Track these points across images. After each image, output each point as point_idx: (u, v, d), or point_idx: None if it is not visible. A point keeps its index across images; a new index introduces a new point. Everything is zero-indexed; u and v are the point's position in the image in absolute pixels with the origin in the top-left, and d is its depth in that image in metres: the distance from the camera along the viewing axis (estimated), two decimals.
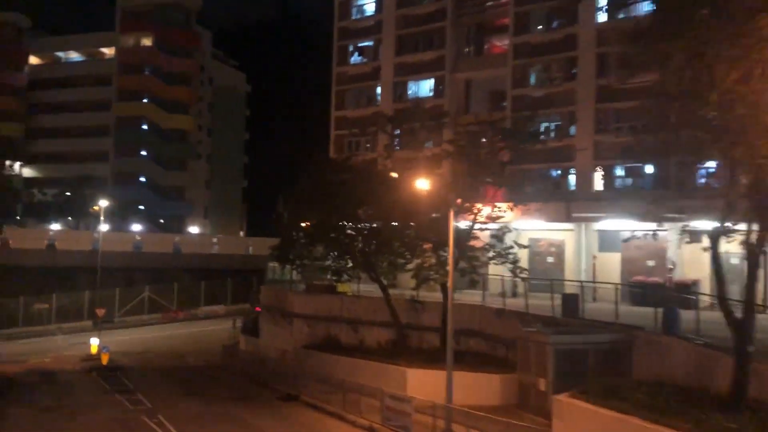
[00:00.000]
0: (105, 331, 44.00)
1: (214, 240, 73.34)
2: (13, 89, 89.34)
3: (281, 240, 31.16)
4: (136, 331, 56.05)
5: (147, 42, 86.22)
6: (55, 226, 76.28)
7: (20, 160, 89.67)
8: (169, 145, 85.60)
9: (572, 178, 36.78)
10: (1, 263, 60.89)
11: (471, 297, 29.16)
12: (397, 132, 32.38)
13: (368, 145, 41.24)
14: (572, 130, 35.98)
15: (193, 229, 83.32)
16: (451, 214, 20.41)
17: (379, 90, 44.33)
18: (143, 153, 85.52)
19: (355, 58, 46.11)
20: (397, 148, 39.24)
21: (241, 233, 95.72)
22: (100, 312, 41.83)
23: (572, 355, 20.13)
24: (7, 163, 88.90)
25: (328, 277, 30.22)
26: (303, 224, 30.14)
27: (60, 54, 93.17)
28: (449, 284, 20.34)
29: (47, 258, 63.66)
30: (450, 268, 20.59)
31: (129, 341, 49.54)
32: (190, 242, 72.67)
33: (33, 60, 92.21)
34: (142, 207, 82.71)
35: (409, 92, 42.20)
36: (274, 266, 39.09)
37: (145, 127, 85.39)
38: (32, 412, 24.94)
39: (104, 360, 36.25)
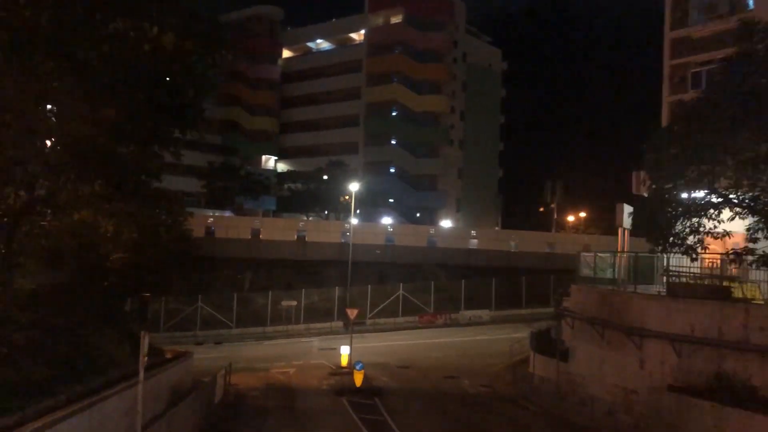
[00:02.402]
0: (356, 334, 35.20)
1: (473, 233, 62.57)
2: (268, 83, 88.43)
3: (651, 208, 17.87)
4: (390, 336, 47.13)
5: (397, 19, 79.20)
6: (305, 219, 71.77)
7: (273, 155, 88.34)
8: (420, 131, 77.55)
9: None
10: (253, 256, 56.76)
11: None
12: None
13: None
14: None
15: (445, 223, 73.70)
16: None
17: None
18: (393, 142, 78.49)
19: None
20: None
21: (496, 228, 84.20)
22: (352, 313, 32.69)
23: None
24: (264, 157, 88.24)
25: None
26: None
27: (310, 44, 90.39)
28: None
29: (296, 250, 58.27)
30: None
31: (384, 349, 40.40)
32: (446, 236, 62.82)
33: (285, 53, 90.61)
34: (391, 200, 75.40)
35: None
36: (593, 257, 26.18)
37: (394, 113, 78.32)
38: None
39: (357, 381, 26.53)
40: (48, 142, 14.51)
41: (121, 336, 22.59)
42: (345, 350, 32.51)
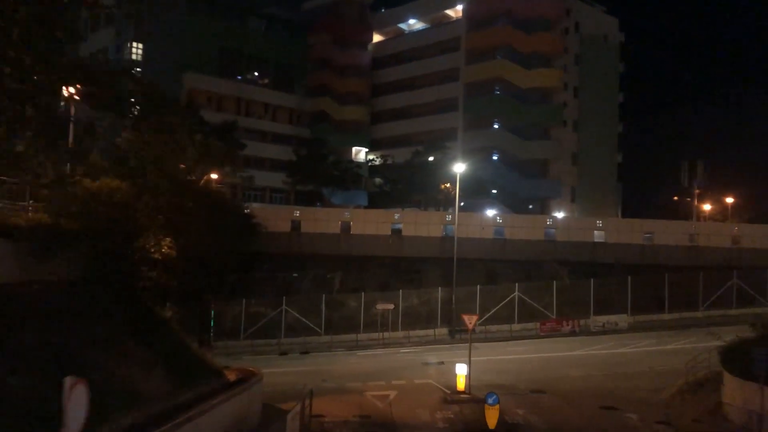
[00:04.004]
0: (465, 344, 27.23)
1: (599, 224, 53.08)
2: (358, 70, 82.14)
3: None
4: (506, 347, 39.00)
5: None
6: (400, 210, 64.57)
7: (364, 146, 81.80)
8: (528, 110, 68.74)
9: None
10: (342, 253, 50.02)
11: None
12: None
13: None
14: None
15: (558, 215, 64.49)
16: None
17: None
18: (495, 126, 70.03)
19: None
20: None
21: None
22: (471, 321, 24.93)
23: None
24: (354, 149, 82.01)
25: None
26: None
27: (402, 26, 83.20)
28: None
29: (392, 246, 50.96)
30: None
31: (504, 365, 32.34)
32: (565, 227, 53.61)
33: (375, 37, 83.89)
34: (494, 191, 67.01)
35: None
36: None
37: (497, 92, 69.81)
38: None
39: (491, 421, 18.64)
40: None
41: (156, 355, 15.88)
42: (461, 370, 24.76)
